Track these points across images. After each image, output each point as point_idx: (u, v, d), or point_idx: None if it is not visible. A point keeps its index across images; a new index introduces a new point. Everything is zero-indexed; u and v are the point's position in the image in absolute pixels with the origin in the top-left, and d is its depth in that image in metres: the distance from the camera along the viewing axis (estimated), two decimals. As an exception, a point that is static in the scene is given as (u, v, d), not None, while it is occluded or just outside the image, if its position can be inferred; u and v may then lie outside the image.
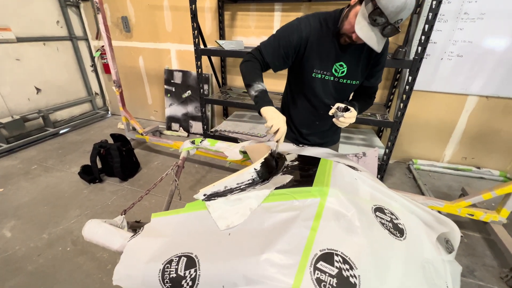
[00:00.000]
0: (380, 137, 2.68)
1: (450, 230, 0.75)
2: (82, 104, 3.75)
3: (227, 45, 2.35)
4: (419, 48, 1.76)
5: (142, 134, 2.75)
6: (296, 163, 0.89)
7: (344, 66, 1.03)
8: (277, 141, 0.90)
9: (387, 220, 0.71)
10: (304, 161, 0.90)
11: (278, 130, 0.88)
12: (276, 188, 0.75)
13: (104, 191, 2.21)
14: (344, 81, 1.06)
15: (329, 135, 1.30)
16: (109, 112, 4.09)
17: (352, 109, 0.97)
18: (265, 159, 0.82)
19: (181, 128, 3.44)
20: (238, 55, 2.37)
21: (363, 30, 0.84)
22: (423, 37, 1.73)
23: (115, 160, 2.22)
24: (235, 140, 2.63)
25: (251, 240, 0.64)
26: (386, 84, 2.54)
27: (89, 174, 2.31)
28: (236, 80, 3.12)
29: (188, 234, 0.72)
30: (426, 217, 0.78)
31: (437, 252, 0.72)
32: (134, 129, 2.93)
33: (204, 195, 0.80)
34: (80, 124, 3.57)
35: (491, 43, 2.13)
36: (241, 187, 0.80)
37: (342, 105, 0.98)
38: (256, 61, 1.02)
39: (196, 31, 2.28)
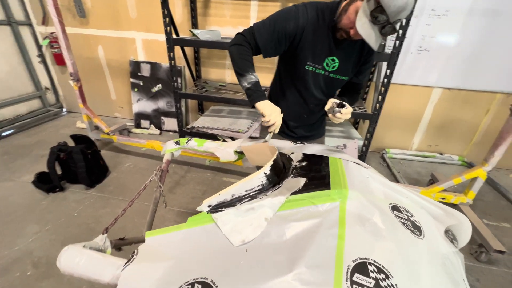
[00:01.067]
0: (356, 128, 2.77)
1: (458, 223, 0.76)
2: (30, 101, 3.23)
3: (202, 35, 2.18)
4: (397, 42, 1.82)
5: (108, 134, 2.47)
6: (304, 163, 0.83)
7: (336, 61, 1.02)
8: (270, 132, 0.95)
9: (405, 219, 0.69)
10: (312, 161, 0.85)
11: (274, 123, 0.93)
12: (292, 194, 0.68)
13: (67, 201, 1.94)
14: (335, 76, 1.05)
15: (315, 128, 1.30)
16: (64, 110, 3.61)
17: (347, 105, 0.98)
18: (274, 161, 0.75)
19: (152, 125, 3.17)
20: (214, 46, 2.22)
21: (364, 28, 0.82)
22: (400, 31, 1.78)
23: (80, 165, 1.95)
24: (214, 137, 2.50)
25: (274, 256, 0.57)
26: (362, 77, 2.61)
27: (46, 182, 2.00)
28: (212, 73, 2.95)
29: (196, 254, 0.62)
30: (435, 211, 0.79)
31: (449, 245, 0.73)
32: (97, 128, 2.61)
33: (209, 206, 0.70)
34: (29, 124, 3.08)
35: (454, 38, 2.30)
36: (251, 194, 0.71)
37: (337, 101, 0.98)
38: (248, 45, 0.97)
39: (167, 19, 2.07)
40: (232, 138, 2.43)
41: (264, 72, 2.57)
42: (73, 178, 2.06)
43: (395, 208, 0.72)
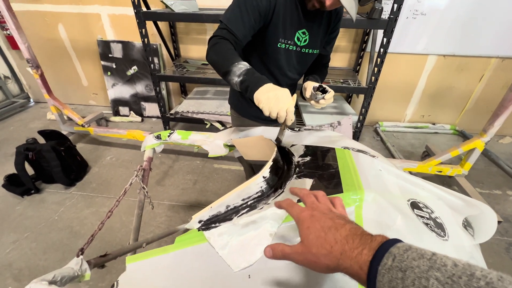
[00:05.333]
0: (349, 103, 2.66)
1: (480, 213, 0.69)
2: (-12, 93, 2.88)
3: (176, 6, 1.91)
4: (395, 5, 1.65)
5: (83, 126, 2.24)
6: (307, 159, 0.71)
7: (307, 34, 0.92)
8: (283, 128, 0.76)
9: (427, 218, 0.60)
10: (317, 155, 0.73)
11: (282, 112, 0.66)
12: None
13: (45, 203, 1.78)
14: (306, 50, 0.96)
15: None
16: (31, 100, 3.27)
17: (329, 88, 0.88)
18: (273, 161, 0.63)
19: (131, 112, 2.93)
20: (192, 18, 1.96)
21: None
22: (399, -7, 1.60)
23: (53, 164, 1.76)
24: (201, 122, 2.34)
25: (285, 282, 0.48)
26: (354, 47, 2.45)
27: (19, 184, 1.81)
28: (192, 51, 2.68)
29: (189, 283, 0.51)
30: (454, 202, 0.71)
31: (469, 238, 0.66)
32: (70, 119, 2.37)
33: (200, 221, 0.58)
34: (-8, 120, 2.78)
35: (453, 1, 2.13)
36: (249, 203, 0.60)
37: (316, 85, 0.89)
38: (226, 41, 0.81)
39: (133, -12, 1.77)
40: (221, 122, 2.27)
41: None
42: (49, 178, 1.88)
43: (414, 205, 0.63)
